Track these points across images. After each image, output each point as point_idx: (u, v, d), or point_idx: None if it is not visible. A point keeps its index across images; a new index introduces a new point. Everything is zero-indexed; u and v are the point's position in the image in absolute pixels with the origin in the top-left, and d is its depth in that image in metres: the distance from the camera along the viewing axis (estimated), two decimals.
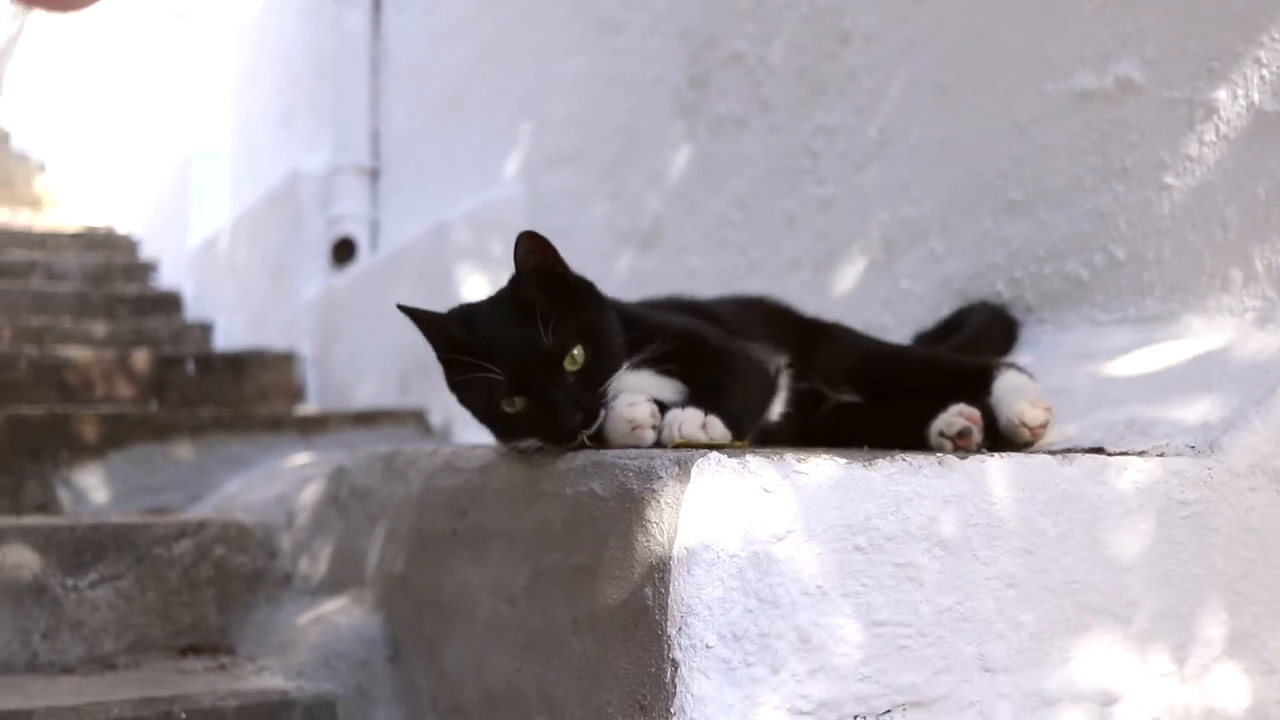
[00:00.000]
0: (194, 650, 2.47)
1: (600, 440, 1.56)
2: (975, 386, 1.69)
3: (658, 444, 1.51)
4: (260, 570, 2.57)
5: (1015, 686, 1.35)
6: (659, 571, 1.27)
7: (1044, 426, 1.60)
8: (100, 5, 0.41)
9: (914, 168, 2.49)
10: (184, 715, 1.92)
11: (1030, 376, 1.71)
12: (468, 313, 1.64)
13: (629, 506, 1.32)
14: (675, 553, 1.26)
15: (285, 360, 4.72)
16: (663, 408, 1.54)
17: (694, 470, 1.27)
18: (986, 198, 2.26)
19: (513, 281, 1.65)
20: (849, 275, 2.69)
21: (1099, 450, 1.53)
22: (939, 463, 1.34)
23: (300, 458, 3.43)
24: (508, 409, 1.56)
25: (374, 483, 2.27)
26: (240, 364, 4.62)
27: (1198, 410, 1.53)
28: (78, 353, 4.45)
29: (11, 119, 10.61)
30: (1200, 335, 1.74)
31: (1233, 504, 1.46)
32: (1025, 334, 2.14)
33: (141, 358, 4.44)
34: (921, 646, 1.32)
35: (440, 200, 4.40)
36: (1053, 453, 1.54)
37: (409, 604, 2.00)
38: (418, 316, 1.61)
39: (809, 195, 2.81)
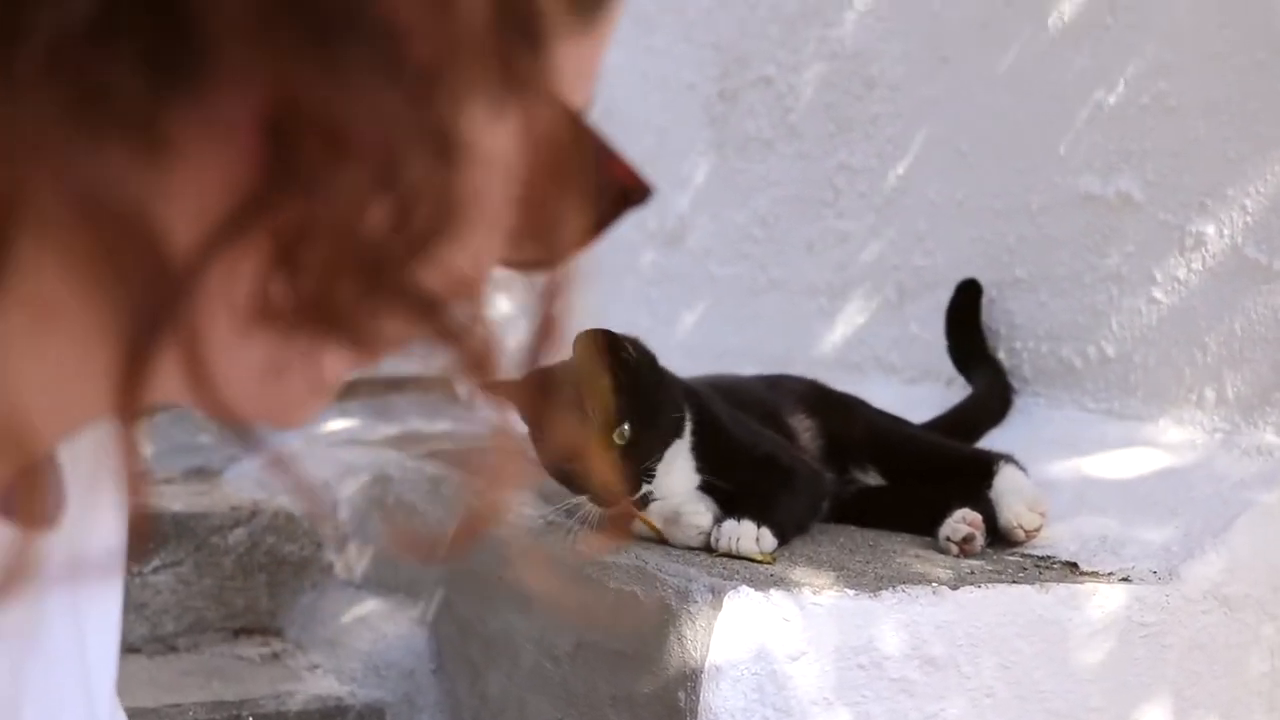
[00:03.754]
0: (246, 632, 2.72)
1: (648, 510, 1.78)
2: (978, 477, 1.92)
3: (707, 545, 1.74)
4: (307, 559, 2.81)
5: None
6: (691, 680, 1.50)
7: (1038, 530, 1.84)
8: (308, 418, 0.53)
9: (929, 221, 2.68)
10: (250, 718, 2.17)
11: (1025, 471, 1.93)
12: (541, 380, 1.83)
13: (667, 619, 1.55)
14: (706, 668, 1.49)
15: None
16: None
17: (726, 600, 1.49)
18: (994, 268, 2.45)
19: (574, 360, 1.82)
20: (863, 310, 2.88)
21: (1073, 565, 1.76)
22: (933, 592, 1.57)
23: (335, 423, 3.65)
24: (565, 469, 1.78)
25: (419, 500, 2.49)
26: None
27: (1163, 534, 1.75)
28: None
29: None
30: (1175, 445, 1.96)
31: (1186, 625, 1.69)
32: (1020, 402, 2.35)
33: None
34: None
35: None
36: (1035, 562, 1.77)
37: (453, 625, 2.23)
38: (501, 392, 1.81)
39: (829, 227, 3.00)
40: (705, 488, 1.82)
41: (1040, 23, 2.37)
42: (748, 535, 1.69)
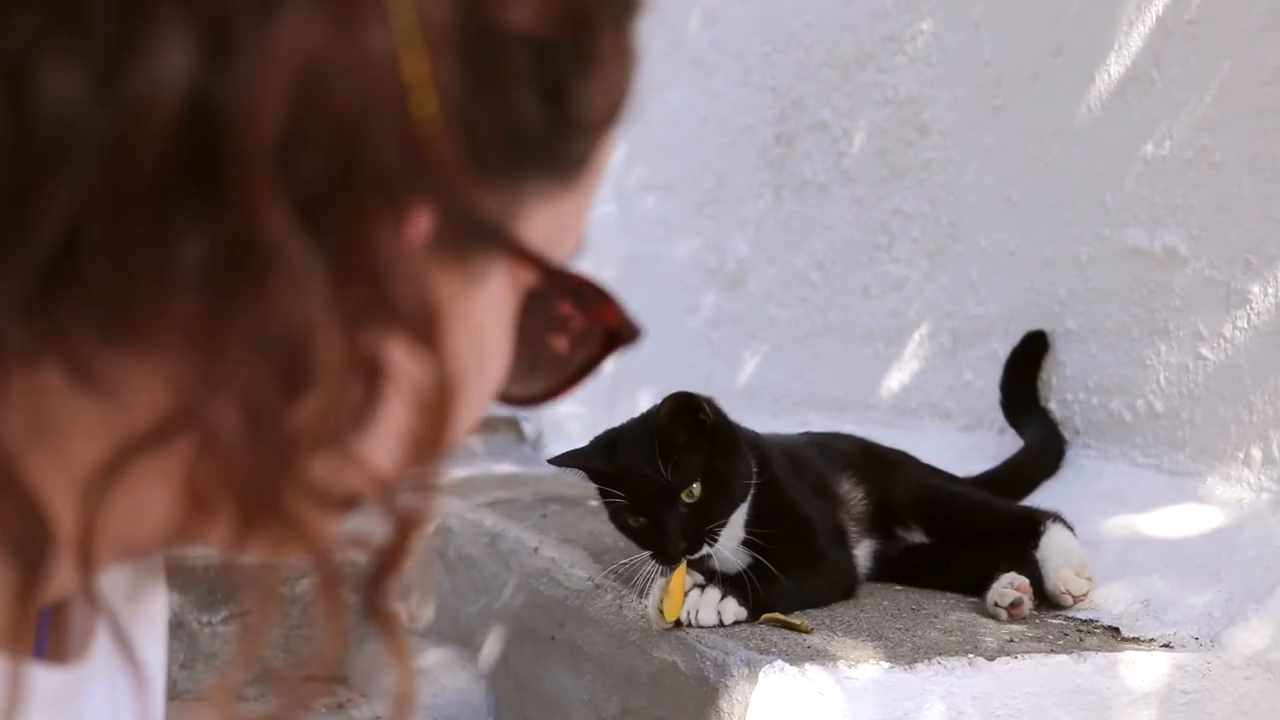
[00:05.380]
0: (312, 678, 2.78)
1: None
2: (1024, 537, 1.93)
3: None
4: None
5: None
6: None
7: (1086, 595, 1.84)
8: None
9: (981, 269, 2.68)
10: None
11: (1072, 530, 1.93)
12: (612, 441, 1.88)
13: (706, 690, 1.57)
14: None
15: None
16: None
17: (761, 674, 1.52)
18: (1046, 318, 2.45)
19: (656, 417, 1.85)
20: (917, 356, 2.89)
21: (1115, 630, 1.76)
22: (970, 664, 1.58)
23: None
24: (632, 524, 1.83)
25: (479, 555, 2.54)
26: None
27: (1205, 599, 1.75)
28: None
29: None
30: (1222, 503, 1.95)
31: (1228, 691, 1.68)
32: (1070, 454, 2.35)
33: None
34: None
35: None
36: (1077, 627, 1.78)
37: (509, 680, 2.27)
38: (569, 463, 1.86)
39: (884, 272, 3.01)
40: (748, 543, 1.86)
41: (1088, 76, 2.38)
42: (708, 605, 1.72)
